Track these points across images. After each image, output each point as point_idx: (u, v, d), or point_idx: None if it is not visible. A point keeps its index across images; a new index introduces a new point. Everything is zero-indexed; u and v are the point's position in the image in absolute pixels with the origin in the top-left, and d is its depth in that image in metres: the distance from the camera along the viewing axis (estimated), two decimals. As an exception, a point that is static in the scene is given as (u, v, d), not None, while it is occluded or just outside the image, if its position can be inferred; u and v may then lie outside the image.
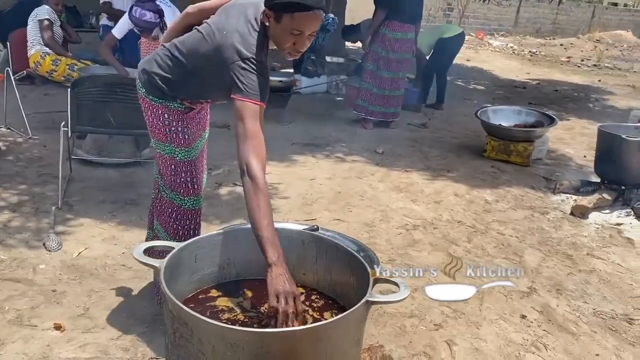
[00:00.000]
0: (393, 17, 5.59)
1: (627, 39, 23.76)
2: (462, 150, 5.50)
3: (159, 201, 2.30)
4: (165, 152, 2.19)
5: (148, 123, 2.19)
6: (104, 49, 4.03)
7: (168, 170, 2.20)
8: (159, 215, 2.32)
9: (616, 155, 4.30)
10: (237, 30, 1.84)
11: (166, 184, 2.23)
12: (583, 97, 9.39)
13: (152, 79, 2.10)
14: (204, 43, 1.94)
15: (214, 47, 1.88)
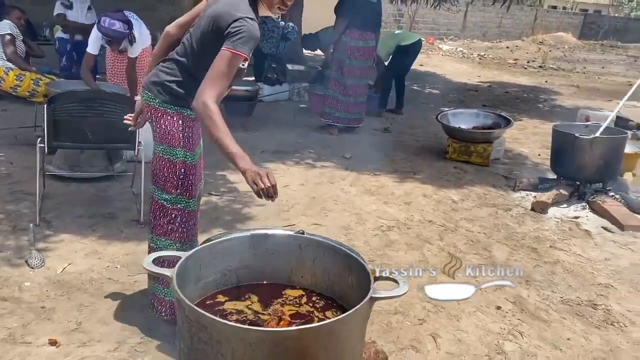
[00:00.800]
0: (354, 27, 5.76)
1: (568, 40, 24.92)
2: (425, 152, 5.71)
3: (159, 212, 2.35)
4: (177, 157, 2.28)
5: (160, 131, 2.27)
6: (85, 71, 4.00)
7: (177, 174, 2.29)
8: (155, 228, 2.38)
9: (570, 153, 4.58)
10: (227, 3, 2.07)
11: (170, 189, 2.30)
12: (532, 98, 9.84)
13: (166, 87, 2.23)
14: (198, 32, 2.14)
15: (209, 26, 2.08)
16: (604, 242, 3.84)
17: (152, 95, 2.26)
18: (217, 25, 2.05)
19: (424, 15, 19.97)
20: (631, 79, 14.14)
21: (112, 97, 3.33)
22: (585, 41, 26.39)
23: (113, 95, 3.48)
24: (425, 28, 20.67)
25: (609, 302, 3.02)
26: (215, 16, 2.07)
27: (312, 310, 1.86)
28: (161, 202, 2.34)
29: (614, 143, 4.51)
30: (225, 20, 2.02)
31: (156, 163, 2.30)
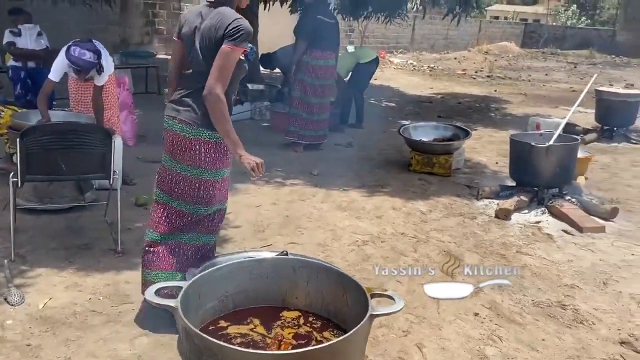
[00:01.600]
0: (314, 47, 5.89)
1: (511, 50, 25.91)
2: (390, 165, 5.86)
3: (199, 224, 2.64)
4: (224, 175, 2.65)
5: (206, 159, 2.52)
6: (42, 98, 3.94)
7: (223, 190, 2.68)
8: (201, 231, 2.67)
9: (528, 161, 4.81)
10: (218, 14, 2.41)
11: (211, 202, 2.62)
12: (484, 107, 10.22)
13: (205, 118, 2.44)
14: (206, 53, 2.42)
15: (212, 40, 2.39)
16: (566, 244, 4.06)
17: (188, 129, 2.48)
18: (217, 35, 2.37)
19: (373, 30, 20.37)
20: (573, 85, 14.87)
21: (87, 128, 3.32)
22: (528, 50, 27.50)
23: (88, 126, 3.47)
24: (375, 42, 21.09)
25: (576, 302, 3.20)
26: (211, 28, 2.39)
27: (310, 331, 1.93)
28: (202, 213, 2.64)
29: (568, 149, 4.77)
30: (223, 26, 2.35)
31: (204, 187, 2.57)
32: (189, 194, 2.57)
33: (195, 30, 2.48)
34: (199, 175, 2.54)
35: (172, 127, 2.53)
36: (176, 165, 2.57)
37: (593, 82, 5.92)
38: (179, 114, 2.51)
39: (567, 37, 29.99)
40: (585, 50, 27.50)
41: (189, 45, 2.53)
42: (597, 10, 38.76)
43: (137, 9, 13.42)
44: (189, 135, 2.48)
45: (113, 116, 4.72)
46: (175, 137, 2.52)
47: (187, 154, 2.51)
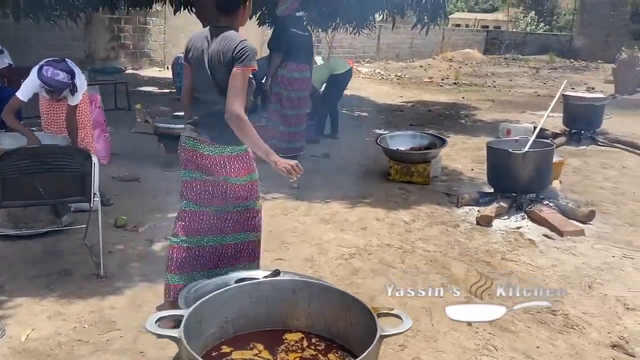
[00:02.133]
0: (289, 59, 5.88)
1: (475, 57, 26.41)
2: (368, 175, 5.87)
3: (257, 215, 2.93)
4: (252, 179, 2.86)
5: (232, 171, 2.73)
6: (8, 115, 3.80)
7: (253, 190, 2.88)
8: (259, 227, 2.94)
9: (505, 168, 4.88)
10: (223, 39, 2.62)
11: (254, 201, 2.89)
12: (454, 114, 10.36)
13: (232, 136, 2.63)
14: (221, 77, 2.61)
15: (222, 63, 2.60)
16: (548, 249, 4.12)
17: (220, 146, 2.68)
18: (225, 59, 2.59)
19: (340, 40, 20.50)
20: (537, 89, 15.25)
21: (66, 151, 3.21)
22: (490, 56, 28.09)
23: (67, 148, 3.36)
24: (342, 52, 21.24)
25: (565, 307, 3.24)
26: (219, 53, 2.60)
27: (316, 354, 1.89)
28: (258, 208, 2.93)
29: (544, 155, 4.85)
30: (230, 50, 2.57)
31: (244, 188, 2.81)
32: (218, 198, 2.79)
33: (203, 53, 2.68)
34: (227, 181, 2.75)
35: (195, 146, 2.73)
36: (204, 175, 2.77)
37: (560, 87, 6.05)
38: (199, 134, 2.71)
39: (527, 43, 30.77)
40: (545, 55, 28.26)
41: (198, 69, 2.72)
42: (555, 17, 39.98)
43: (102, 24, 13.20)
44: (212, 154, 2.69)
45: (87, 135, 4.60)
46: (199, 155, 2.72)
47: (214, 168, 2.72)
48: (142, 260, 3.67)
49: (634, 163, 6.94)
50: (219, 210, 2.82)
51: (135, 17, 13.42)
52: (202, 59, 2.68)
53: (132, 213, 4.41)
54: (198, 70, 2.72)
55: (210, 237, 2.86)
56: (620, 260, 3.92)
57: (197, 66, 2.73)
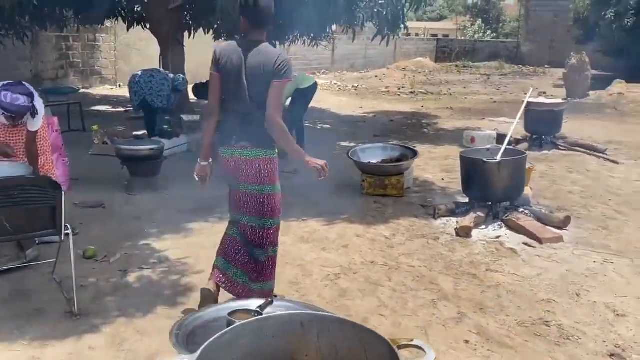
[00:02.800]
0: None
1: (427, 65, 26.90)
2: (341, 190, 5.77)
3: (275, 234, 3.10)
4: (279, 190, 3.06)
5: (269, 175, 2.95)
6: None
7: (279, 203, 3.08)
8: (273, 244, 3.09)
9: (480, 177, 4.89)
10: (263, 52, 2.83)
11: (274, 215, 3.04)
12: (416, 124, 10.43)
13: (268, 140, 2.90)
14: (259, 88, 2.82)
15: (263, 75, 2.80)
16: (530, 258, 4.12)
17: (262, 150, 2.90)
18: (265, 71, 2.78)
19: (295, 52, 20.49)
20: (492, 96, 15.60)
21: (34, 182, 2.98)
22: (442, 64, 28.69)
23: (35, 180, 3.12)
24: (298, 64, 21.21)
25: (557, 317, 3.22)
26: (259, 67, 2.80)
27: (332, 392, 1.76)
28: (275, 227, 3.09)
29: (517, 163, 4.89)
30: (269, 63, 2.78)
31: (268, 200, 2.98)
32: (254, 209, 3.00)
33: (240, 67, 2.84)
34: (261, 191, 2.96)
35: (233, 154, 2.93)
36: (241, 185, 2.98)
37: (521, 96, 6.14)
38: (236, 141, 2.90)
39: (476, 50, 31.59)
40: (494, 61, 29.08)
41: (231, 80, 2.87)
42: (500, 24, 41.28)
43: (50, 43, 12.71)
44: (249, 157, 2.90)
45: (47, 162, 4.33)
46: (236, 161, 2.93)
47: (248, 174, 2.92)
48: (118, 293, 3.45)
49: (596, 166, 7.12)
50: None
51: (84, 34, 12.99)
52: (238, 72, 2.84)
53: (100, 242, 4.18)
54: (231, 82, 2.87)
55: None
56: (602, 265, 3.96)
57: (230, 78, 2.87)
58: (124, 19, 9.32)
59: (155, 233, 4.47)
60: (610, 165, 7.24)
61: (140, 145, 5.57)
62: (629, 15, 16.77)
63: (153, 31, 9.19)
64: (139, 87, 7.21)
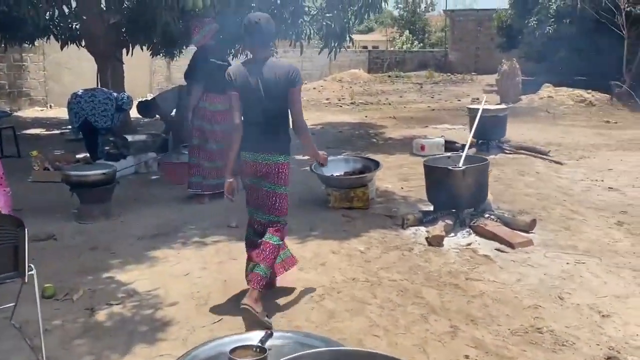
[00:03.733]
0: (210, 90, 5.54)
1: (361, 76, 27.28)
2: (307, 205, 5.64)
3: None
4: (287, 191, 3.42)
5: (284, 177, 3.35)
6: None
7: (286, 202, 3.45)
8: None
9: (446, 185, 4.90)
10: (276, 66, 3.24)
11: (282, 213, 3.44)
12: (364, 134, 10.48)
13: (285, 146, 3.35)
14: (276, 99, 3.22)
15: (281, 85, 3.19)
16: (505, 263, 4.14)
17: (280, 155, 3.30)
18: (284, 81, 3.18)
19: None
20: (429, 104, 15.99)
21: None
22: (375, 74, 29.21)
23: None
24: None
25: (547, 323, 3.22)
26: (276, 79, 3.18)
27: None
28: (283, 224, 3.47)
29: (481, 169, 4.94)
30: (284, 75, 3.19)
31: (279, 199, 3.38)
32: (267, 206, 3.38)
33: (257, 84, 3.18)
34: (275, 190, 3.34)
35: (256, 159, 3.29)
36: (259, 183, 3.36)
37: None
38: (261, 148, 3.27)
39: (406, 60, 32.39)
40: (424, 71, 29.93)
41: (251, 95, 3.21)
42: (426, 34, 42.66)
43: (-28, 65, 11.89)
44: (270, 162, 3.28)
45: (-10, 194, 3.95)
46: (259, 165, 3.30)
47: (269, 174, 3.30)
48: (88, 334, 3.15)
49: (543, 168, 7.37)
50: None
51: (10, 54, 12.22)
52: (255, 88, 3.20)
53: (58, 278, 3.84)
54: (249, 97, 3.22)
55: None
56: (575, 267, 4.03)
57: (247, 94, 3.22)
58: (56, 37, 8.81)
59: (117, 264, 4.17)
60: (556, 166, 7.53)
61: (90, 170, 5.22)
62: (550, 23, 17.65)
63: (89, 49, 8.74)
64: (79, 108, 6.81)
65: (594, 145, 8.99)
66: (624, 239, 4.67)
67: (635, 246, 4.50)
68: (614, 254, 4.29)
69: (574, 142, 9.35)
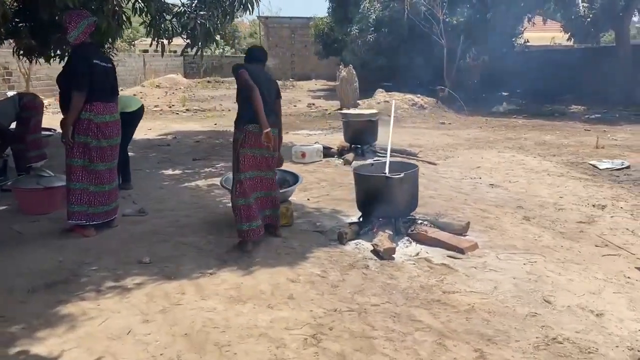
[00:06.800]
0: (96, 99, 4.51)
1: (180, 82, 26.18)
2: (222, 228, 4.89)
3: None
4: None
5: (277, 145, 4.59)
6: None
7: None
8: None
9: (382, 193, 4.64)
10: (268, 73, 4.73)
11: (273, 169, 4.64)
12: (227, 143, 9.79)
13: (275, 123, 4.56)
14: (272, 93, 4.60)
15: (274, 89, 4.63)
16: (468, 271, 4.00)
17: (275, 129, 4.50)
18: (274, 85, 4.63)
19: (36, 71, 17.67)
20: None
21: None
22: (193, 80, 28.20)
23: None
24: (40, 85, 18.39)
25: (558, 331, 3.11)
26: (271, 82, 4.60)
27: None
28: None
29: (415, 176, 4.79)
30: (275, 83, 4.68)
31: (273, 160, 4.57)
32: (267, 166, 4.52)
33: (268, 82, 4.53)
34: (272, 155, 4.50)
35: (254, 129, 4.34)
36: (265, 152, 4.42)
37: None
38: (272, 123, 4.38)
39: (223, 66, 31.90)
40: (243, 76, 29.70)
41: (263, 87, 4.34)
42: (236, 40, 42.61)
43: None
44: (274, 134, 4.42)
45: None
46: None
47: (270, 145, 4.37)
48: None
49: (424, 169, 7.57)
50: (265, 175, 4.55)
51: None
52: (265, 84, 4.43)
53: None
54: (265, 88, 4.37)
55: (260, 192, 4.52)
56: (533, 266, 4.06)
57: (260, 87, 4.28)
58: None
59: (19, 332, 3.08)
60: (432, 167, 7.81)
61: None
62: (370, 32, 18.74)
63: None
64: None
65: (449, 145, 9.60)
66: (542, 233, 4.89)
67: (557, 239, 4.73)
68: (550, 250, 4.44)
69: (430, 143, 9.88)
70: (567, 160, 8.24)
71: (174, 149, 9.18)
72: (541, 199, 6.05)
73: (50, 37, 7.76)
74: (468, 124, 12.64)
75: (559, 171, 7.43)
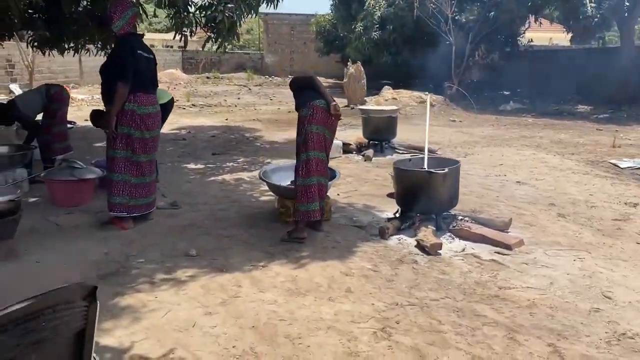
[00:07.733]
0: (139, 89, 4.45)
1: (180, 77, 25.99)
2: (257, 221, 4.87)
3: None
4: None
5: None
6: None
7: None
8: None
9: (425, 189, 4.61)
10: None
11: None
12: (242, 138, 9.74)
13: None
14: None
15: None
16: (519, 267, 3.98)
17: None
18: None
19: (37, 64, 17.48)
20: (277, 106, 15.70)
21: (64, 297, 1.56)
22: (192, 75, 28.03)
23: (66, 292, 1.65)
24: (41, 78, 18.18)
25: (626, 327, 3.09)
26: None
27: None
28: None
29: (457, 171, 4.76)
30: None
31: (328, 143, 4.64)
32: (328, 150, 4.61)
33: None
34: (331, 138, 4.66)
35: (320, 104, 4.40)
36: (327, 132, 4.53)
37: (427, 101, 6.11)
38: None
39: (223, 62, 31.74)
40: (242, 72, 29.68)
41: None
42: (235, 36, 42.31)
43: None
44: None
45: None
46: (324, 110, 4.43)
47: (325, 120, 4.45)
48: None
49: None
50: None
51: None
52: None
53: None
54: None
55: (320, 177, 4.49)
56: (583, 262, 4.05)
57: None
58: None
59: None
60: (454, 164, 7.78)
61: None
62: (375, 29, 18.71)
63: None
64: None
65: (467, 143, 9.59)
66: (581, 230, 4.89)
67: (597, 236, 4.73)
68: (593, 247, 4.43)
69: (446, 140, 9.86)
70: (587, 159, 8.25)
71: (191, 143, 9.10)
72: (571, 196, 6.04)
73: (65, 30, 7.68)
74: (479, 122, 12.65)
75: (582, 169, 7.44)
